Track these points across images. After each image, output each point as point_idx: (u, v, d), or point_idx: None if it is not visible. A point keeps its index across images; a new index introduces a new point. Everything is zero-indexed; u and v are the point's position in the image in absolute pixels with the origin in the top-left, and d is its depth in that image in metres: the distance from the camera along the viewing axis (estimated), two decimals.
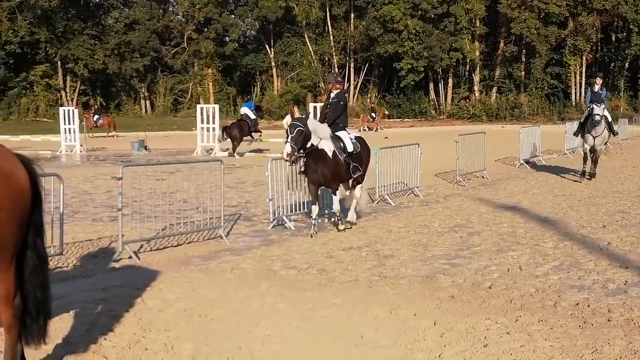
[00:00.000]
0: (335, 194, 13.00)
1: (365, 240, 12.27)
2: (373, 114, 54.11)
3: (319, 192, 13.34)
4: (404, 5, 65.52)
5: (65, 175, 11.06)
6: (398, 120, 66.34)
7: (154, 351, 6.64)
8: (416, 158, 18.40)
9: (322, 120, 13.27)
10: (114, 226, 12.72)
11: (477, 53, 67.92)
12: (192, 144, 34.31)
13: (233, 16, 76.34)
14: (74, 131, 35.21)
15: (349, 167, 13.02)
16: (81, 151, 34.69)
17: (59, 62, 69.96)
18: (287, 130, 12.26)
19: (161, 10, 77.74)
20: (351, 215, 13.63)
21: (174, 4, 78.56)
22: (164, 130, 53.13)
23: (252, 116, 31.89)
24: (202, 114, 33.25)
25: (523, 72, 67.31)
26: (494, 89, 68.72)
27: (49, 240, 9.86)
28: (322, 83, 72.00)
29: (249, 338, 7.02)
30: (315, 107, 32.40)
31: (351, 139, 13.29)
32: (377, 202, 16.60)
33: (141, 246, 11.51)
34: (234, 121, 33.19)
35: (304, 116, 13.64)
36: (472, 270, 9.85)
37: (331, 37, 72.73)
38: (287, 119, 29.83)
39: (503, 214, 14.84)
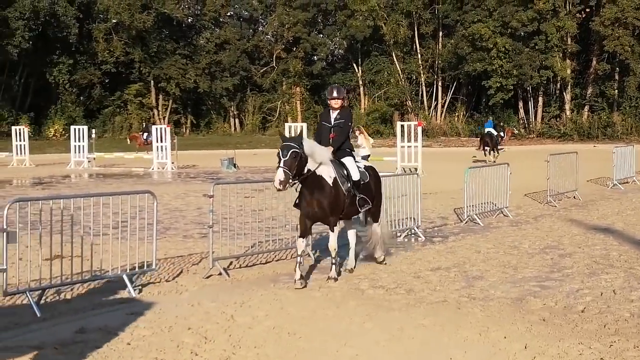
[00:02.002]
0: (333, 230, 10.62)
1: (453, 260, 12.14)
2: (502, 134, 50.17)
3: (311, 226, 10.96)
4: (493, 24, 64.84)
5: (157, 192, 11.31)
6: None
7: None
8: (505, 178, 18.14)
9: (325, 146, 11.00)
10: (204, 243, 12.95)
11: (569, 71, 66.59)
12: None
13: (321, 35, 76.93)
14: (166, 149, 36.04)
15: (355, 199, 10.84)
16: (172, 168, 35.46)
17: (152, 81, 71.78)
18: (278, 152, 9.91)
19: (251, 31, 78.97)
20: (350, 261, 11.48)
21: (264, 24, 79.68)
22: (252, 148, 53.84)
23: (495, 132, 38.63)
24: (290, 132, 33.65)
25: (616, 91, 65.64)
26: (586, 108, 67.21)
27: (142, 256, 10.14)
28: (410, 102, 71.81)
29: (337, 357, 7.03)
30: (403, 126, 32.35)
31: (359, 167, 11.21)
32: (466, 222, 16.43)
33: (231, 263, 11.67)
34: (486, 134, 38.61)
35: (296, 135, 11.04)
36: (563, 293, 9.63)
37: (419, 55, 72.49)
38: (360, 140, 29.49)
39: (595, 235, 14.48)
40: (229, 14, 79.38)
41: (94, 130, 43.31)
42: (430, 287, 10.13)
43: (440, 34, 72.78)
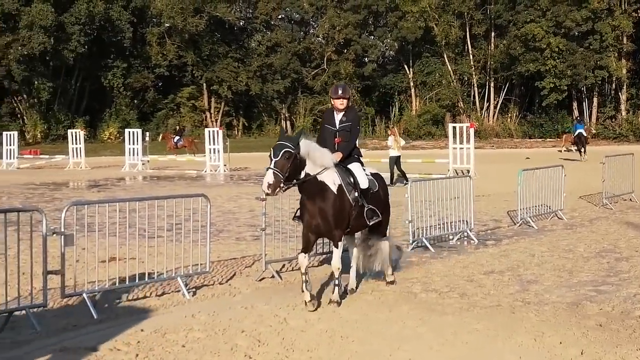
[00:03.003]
0: (337, 246, 9.25)
1: (507, 264, 12.02)
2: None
3: (315, 240, 9.78)
4: (546, 24, 64.03)
5: (210, 195, 11.40)
6: (540, 140, 64.75)
7: None
8: (560, 180, 17.90)
9: (330, 151, 9.58)
10: (256, 245, 13.02)
11: (624, 71, 65.43)
12: None
13: (372, 37, 76.79)
14: (219, 151, 36.35)
15: (363, 210, 9.54)
16: (224, 171, 35.73)
17: (204, 84, 72.41)
18: (270, 152, 8.77)
19: (302, 33, 79.18)
20: (352, 282, 10.22)
21: (315, 26, 79.85)
22: None
23: (585, 134, 41.24)
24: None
25: None
26: None
27: (196, 259, 10.24)
28: (461, 103, 71.30)
29: None
30: (455, 128, 32.07)
31: (367, 174, 9.93)
32: (519, 225, 16.25)
33: (283, 266, 11.72)
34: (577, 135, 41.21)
35: (295, 134, 9.46)
36: (620, 298, 9.47)
37: (471, 56, 71.91)
38: (391, 141, 29.37)
39: None
40: (280, 16, 79.70)
41: (147, 133, 43.88)
42: (483, 291, 10.05)
43: (493, 34, 72.09)
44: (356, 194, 9.42)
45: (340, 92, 10.00)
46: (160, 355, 7.19)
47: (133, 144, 39.11)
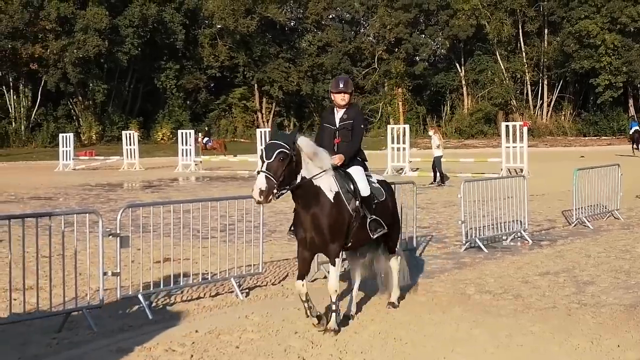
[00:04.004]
0: (334, 264, 8.01)
1: (562, 265, 11.86)
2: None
3: (311, 260, 8.54)
4: (601, 20, 63.09)
5: None
6: (594, 138, 63.80)
7: None
8: (616, 179, 17.59)
9: (329, 153, 8.33)
10: None
11: None
12: (382, 164, 34.60)
13: (423, 36, 76.47)
14: None
15: (365, 221, 8.27)
16: None
17: (255, 85, 72.89)
18: (261, 152, 7.64)
19: (353, 32, 79.20)
20: (352, 305, 8.86)
21: (365, 25, 79.81)
22: None
23: None
24: (392, 133, 33.61)
25: None
26: None
27: (249, 259, 10.29)
28: (514, 101, 70.53)
29: None
30: (508, 127, 31.70)
31: (372, 181, 8.70)
32: (574, 225, 16.01)
33: None
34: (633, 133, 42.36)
35: (290, 132, 8.36)
36: None
37: (523, 54, 71.18)
38: (437, 140, 29.11)
39: None
40: (330, 16, 79.86)
41: (200, 134, 44.21)
42: (538, 292, 9.92)
43: (546, 31, 71.26)
44: (357, 202, 8.14)
45: (341, 85, 8.70)
46: (215, 356, 7.24)
47: (186, 144, 39.49)
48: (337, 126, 8.62)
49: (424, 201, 20.50)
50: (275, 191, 7.45)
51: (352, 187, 8.20)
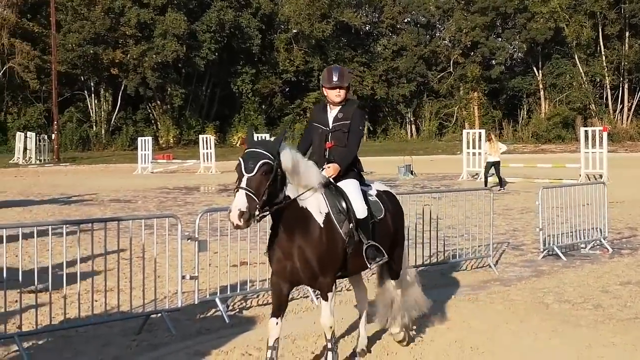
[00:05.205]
0: (326, 299, 6.66)
1: None
2: None
3: (289, 293, 6.83)
4: None
5: None
6: None
7: None
8: None
9: (321, 163, 6.97)
10: None
11: None
12: (457, 169, 34.36)
13: (500, 39, 75.59)
14: None
15: (361, 247, 6.86)
16: None
17: None
18: (239, 164, 6.15)
19: (428, 36, 78.75)
20: (362, 340, 7.52)
21: (441, 29, 79.27)
22: (429, 154, 53.62)
23: None
24: (467, 138, 33.34)
25: None
26: None
27: None
28: (593, 105, 69.06)
29: None
30: (587, 131, 31.06)
31: (369, 195, 7.21)
32: None
33: None
34: None
35: (274, 138, 6.79)
36: None
37: (603, 57, 69.67)
38: (486, 147, 28.91)
39: None
40: (406, 20, 79.57)
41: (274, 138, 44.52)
42: (619, 302, 9.69)
43: (627, 34, 69.63)
44: (350, 225, 6.73)
45: (335, 78, 7.14)
46: None
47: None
48: (331, 127, 7.13)
49: (500, 207, 20.24)
50: (257, 212, 6.01)
51: (344, 206, 6.77)
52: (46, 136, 55.55)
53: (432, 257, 12.19)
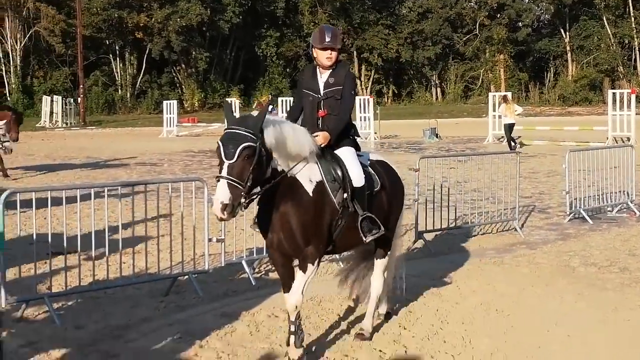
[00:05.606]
0: (305, 269, 6.15)
1: None
2: None
3: (290, 266, 6.39)
4: None
5: None
6: None
7: (452, 344, 6.70)
8: None
9: (311, 130, 6.37)
10: (407, 215, 12.94)
11: None
12: (482, 132, 34.17)
13: (527, 1, 74.63)
14: (369, 119, 36.50)
15: (356, 219, 6.38)
16: (375, 138, 35.88)
17: (354, 52, 72.67)
18: (218, 148, 5.64)
19: None
20: (366, 322, 6.98)
21: None
22: (454, 117, 53.31)
23: None
24: (493, 101, 33.14)
25: None
26: None
27: None
28: (621, 67, 68.16)
29: (548, 337, 6.87)
30: (614, 94, 30.69)
31: (364, 166, 6.65)
32: None
33: (435, 236, 11.64)
34: None
35: (258, 112, 6.18)
36: None
37: (632, 18, 68.52)
38: (502, 109, 29.22)
39: None
40: None
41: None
42: None
43: None
44: (345, 195, 6.26)
45: (327, 38, 6.63)
46: (317, 323, 7.34)
47: (286, 112, 39.72)
48: (322, 94, 6.60)
49: (526, 170, 20.12)
50: (243, 200, 5.57)
51: (340, 173, 6.28)
52: (72, 100, 55.84)
53: (458, 220, 12.18)
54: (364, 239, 6.41)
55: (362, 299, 7.34)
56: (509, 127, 28.40)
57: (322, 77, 6.64)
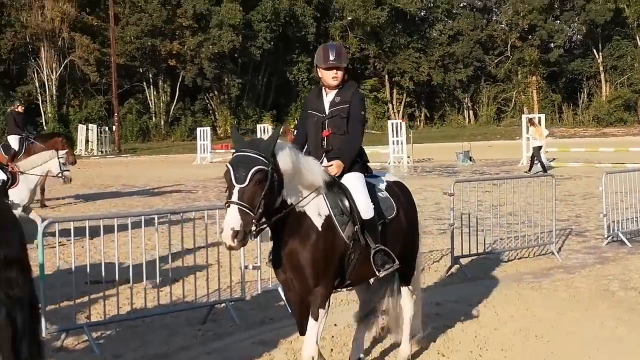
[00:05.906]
0: (316, 316, 5.76)
1: None
2: None
3: (306, 308, 5.88)
4: None
5: None
6: None
7: None
8: None
9: (318, 155, 6.17)
10: (443, 239, 12.95)
11: None
12: (516, 154, 33.95)
13: (558, 22, 74.36)
14: (402, 143, 36.47)
15: (369, 252, 6.00)
16: (408, 162, 35.81)
17: (386, 76, 72.83)
18: (228, 172, 5.28)
19: (484, 20, 77.84)
20: (405, 347, 6.84)
21: (498, 13, 78.28)
22: (487, 140, 53.08)
23: None
24: (527, 123, 32.95)
25: None
26: None
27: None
28: None
29: None
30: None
31: (379, 190, 6.36)
32: None
33: (471, 261, 11.56)
34: None
35: (266, 137, 5.79)
36: None
37: None
38: (532, 132, 29.37)
39: None
40: (462, 4, 78.80)
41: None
42: None
43: None
44: (355, 227, 5.88)
45: (332, 57, 6.34)
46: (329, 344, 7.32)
47: None
48: (327, 113, 6.28)
49: (562, 193, 19.95)
50: (253, 228, 5.21)
51: (347, 204, 5.91)
52: (107, 128, 56.44)
53: (494, 245, 12.10)
54: (377, 273, 6.04)
55: (394, 328, 6.98)
56: (538, 150, 28.39)
57: (328, 96, 6.37)
